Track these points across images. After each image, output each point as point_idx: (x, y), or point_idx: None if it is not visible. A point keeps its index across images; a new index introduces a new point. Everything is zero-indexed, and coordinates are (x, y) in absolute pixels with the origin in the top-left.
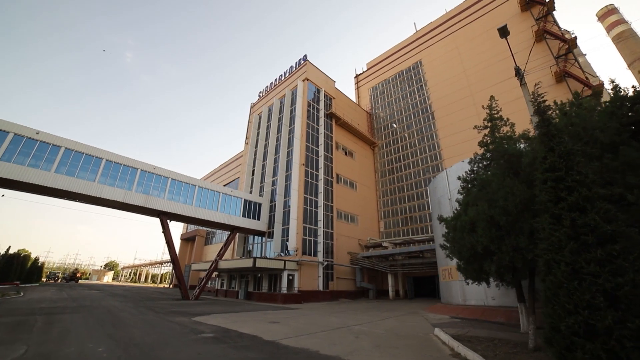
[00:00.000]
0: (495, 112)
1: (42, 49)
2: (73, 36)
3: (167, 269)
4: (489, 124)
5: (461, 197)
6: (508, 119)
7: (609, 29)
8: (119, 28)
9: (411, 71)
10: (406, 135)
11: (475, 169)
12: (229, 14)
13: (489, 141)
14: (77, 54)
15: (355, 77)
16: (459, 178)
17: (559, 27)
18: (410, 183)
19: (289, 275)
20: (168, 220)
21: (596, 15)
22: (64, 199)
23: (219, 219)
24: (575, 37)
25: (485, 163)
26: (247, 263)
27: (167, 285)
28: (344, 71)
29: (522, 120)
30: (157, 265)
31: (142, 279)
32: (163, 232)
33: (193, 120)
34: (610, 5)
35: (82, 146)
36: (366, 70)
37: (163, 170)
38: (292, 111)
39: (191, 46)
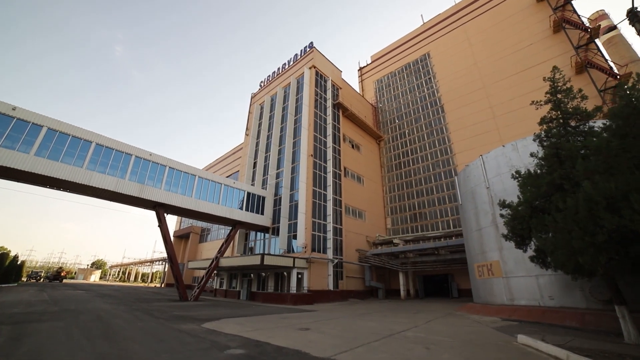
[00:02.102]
0: (562, 83)
1: (29, 49)
2: (61, 33)
3: (158, 267)
4: (554, 98)
5: (515, 182)
6: (581, 90)
7: (599, 34)
8: (107, 22)
9: (418, 64)
10: (414, 129)
11: (557, 141)
12: (225, 9)
13: (553, 116)
14: (66, 53)
15: (359, 70)
16: (532, 155)
17: (579, 16)
18: (418, 178)
19: (298, 273)
20: (165, 214)
21: (587, 20)
22: (45, 186)
23: (220, 213)
24: (599, 26)
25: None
26: (254, 260)
27: (158, 285)
28: (345, 66)
29: (540, 113)
30: (148, 264)
31: (132, 278)
32: (159, 226)
33: (187, 116)
34: (600, 10)
35: (68, 127)
36: (370, 63)
37: (160, 158)
38: (298, 100)
39: (187, 42)
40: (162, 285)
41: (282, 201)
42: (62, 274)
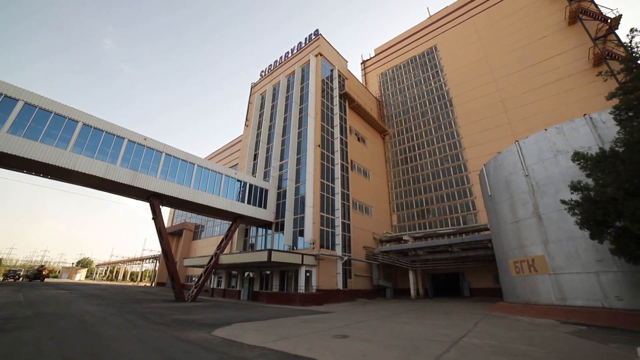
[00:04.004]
0: None
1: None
2: (53, 28)
3: (148, 266)
4: (633, 65)
5: (563, 167)
6: None
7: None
8: (98, 16)
9: (425, 57)
10: (420, 123)
11: None
12: (221, 6)
13: (631, 87)
14: (60, 55)
15: (362, 63)
16: (619, 130)
17: (597, 6)
18: (425, 173)
19: (306, 271)
20: (160, 205)
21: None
22: (22, 171)
23: (220, 205)
24: (620, 16)
25: None
26: (260, 257)
27: (148, 284)
28: (347, 60)
29: (554, 106)
30: (137, 262)
31: (120, 277)
32: (153, 218)
33: (183, 115)
34: None
35: (50, 102)
36: (374, 56)
37: (156, 143)
38: (304, 88)
39: (184, 38)
40: (153, 285)
41: (286, 194)
42: (43, 273)
